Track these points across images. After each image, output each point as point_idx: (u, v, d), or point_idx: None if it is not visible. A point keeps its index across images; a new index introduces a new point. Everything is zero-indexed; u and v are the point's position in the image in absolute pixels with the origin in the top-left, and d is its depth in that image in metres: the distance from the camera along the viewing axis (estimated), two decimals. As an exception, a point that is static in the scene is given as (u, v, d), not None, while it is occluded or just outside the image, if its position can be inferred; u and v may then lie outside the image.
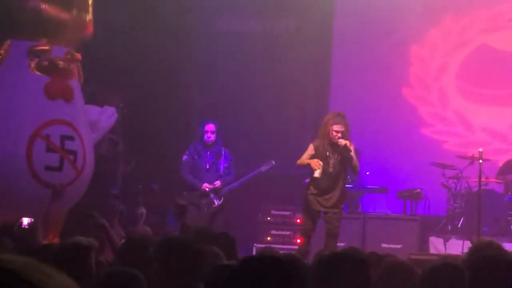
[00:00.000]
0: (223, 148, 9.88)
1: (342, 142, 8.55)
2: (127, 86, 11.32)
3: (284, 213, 11.59)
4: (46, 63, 7.87)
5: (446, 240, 11.10)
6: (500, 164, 12.07)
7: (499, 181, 11.73)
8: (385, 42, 13.09)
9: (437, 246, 11.07)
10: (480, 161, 10.08)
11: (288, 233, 11.51)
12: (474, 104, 13.11)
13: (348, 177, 11.72)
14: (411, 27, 13.18)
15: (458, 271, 3.33)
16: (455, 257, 5.71)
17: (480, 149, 10.14)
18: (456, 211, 11.54)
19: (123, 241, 6.01)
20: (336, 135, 8.57)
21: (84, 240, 4.32)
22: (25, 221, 6.13)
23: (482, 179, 10.43)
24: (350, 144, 8.67)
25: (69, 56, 8.06)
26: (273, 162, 9.70)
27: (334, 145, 8.62)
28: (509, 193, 11.46)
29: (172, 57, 12.41)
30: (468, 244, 8.83)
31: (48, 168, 7.70)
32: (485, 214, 10.49)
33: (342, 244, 10.45)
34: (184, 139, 12.69)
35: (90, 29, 8.35)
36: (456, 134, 13.13)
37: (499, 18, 13.15)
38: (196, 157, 9.73)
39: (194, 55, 13.11)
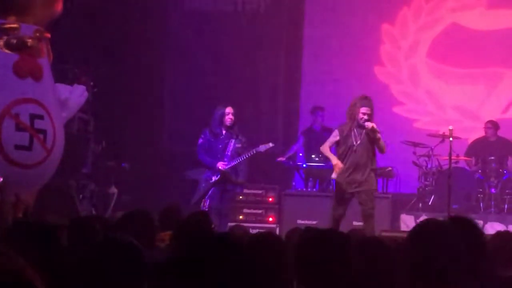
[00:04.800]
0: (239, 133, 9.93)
1: (369, 124, 8.88)
2: (97, 64, 11.23)
3: (256, 191, 11.62)
4: (15, 41, 7.76)
5: (417, 218, 11.18)
6: (469, 142, 12.19)
7: (469, 159, 11.84)
8: (357, 21, 13.10)
9: (408, 223, 11.16)
10: (451, 139, 10.14)
11: (260, 211, 11.55)
12: (445, 83, 13.19)
13: (320, 155, 11.80)
14: (383, 6, 13.20)
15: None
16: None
17: (451, 127, 10.20)
18: (426, 188, 11.64)
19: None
20: (363, 117, 8.88)
21: (54, 218, 4.29)
22: None
23: (453, 157, 10.52)
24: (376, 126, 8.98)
25: (38, 34, 7.95)
26: (271, 144, 9.80)
27: (361, 126, 8.93)
28: (479, 171, 11.57)
29: (142, 36, 12.32)
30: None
31: (17, 147, 7.62)
32: (455, 192, 10.59)
33: (315, 222, 10.51)
34: (156, 117, 12.66)
35: (60, 7, 8.25)
36: (427, 113, 13.20)
37: (469, -4, 13.22)
38: (212, 139, 9.73)
39: (165, 35, 13.03)
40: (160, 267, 3.38)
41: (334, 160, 9.03)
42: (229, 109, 9.77)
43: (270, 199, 11.58)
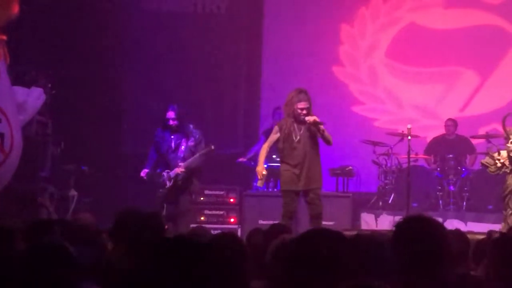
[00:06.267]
0: (192, 129, 9.73)
1: (310, 118, 8.56)
2: (55, 66, 11.12)
3: (217, 192, 11.61)
4: (-30, 44, 7.68)
5: (377, 216, 11.29)
6: (428, 140, 12.31)
7: (428, 157, 11.96)
8: (316, 21, 13.15)
9: (369, 221, 11.25)
10: (409, 137, 10.23)
11: (221, 212, 11.54)
12: (403, 82, 13.30)
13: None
14: (341, 6, 13.27)
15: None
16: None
17: (409, 126, 10.29)
18: (386, 187, 11.73)
19: None
20: (301, 113, 8.56)
21: (9, 222, 4.24)
22: None
23: (412, 155, 10.61)
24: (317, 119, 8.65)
25: (-6, 36, 7.88)
26: (213, 147, 9.66)
27: (300, 122, 8.61)
28: (438, 169, 11.69)
29: (100, 36, 12.23)
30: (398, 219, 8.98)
31: (-26, 151, 7.54)
32: (414, 190, 10.69)
33: (276, 223, 10.51)
34: (115, 119, 12.58)
35: (16, 9, 8.17)
36: (386, 112, 13.31)
37: (426, -4, 13.35)
38: (161, 141, 9.62)
39: (124, 36, 12.95)
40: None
41: (259, 167, 8.83)
42: (169, 114, 9.52)
43: (231, 200, 11.58)
